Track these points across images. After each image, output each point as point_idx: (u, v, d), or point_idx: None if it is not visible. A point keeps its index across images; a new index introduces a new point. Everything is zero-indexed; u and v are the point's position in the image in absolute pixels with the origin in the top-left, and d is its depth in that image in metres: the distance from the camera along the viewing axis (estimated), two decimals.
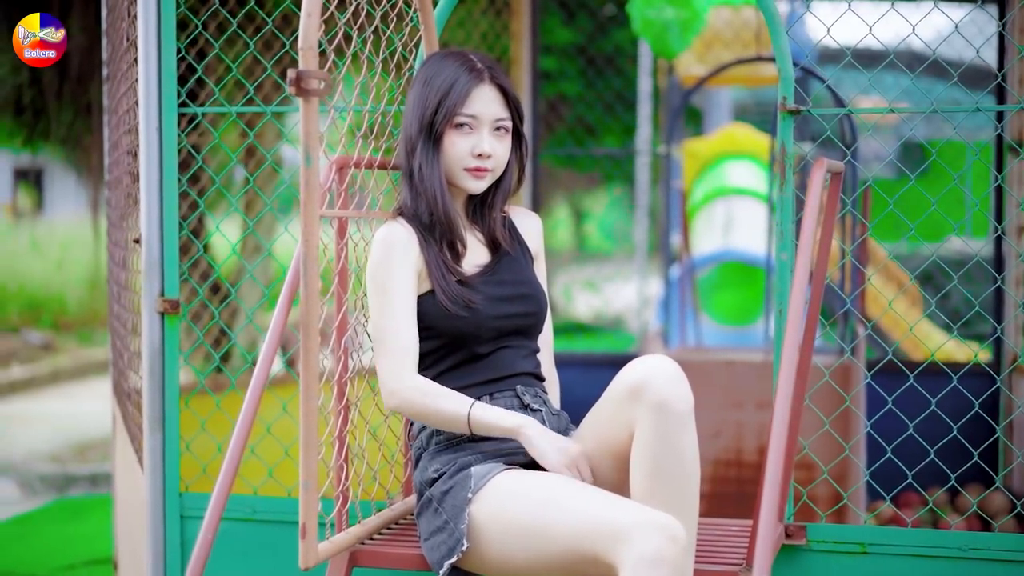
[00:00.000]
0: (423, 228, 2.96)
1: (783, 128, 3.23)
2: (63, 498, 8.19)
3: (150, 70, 3.59)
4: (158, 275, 3.63)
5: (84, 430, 10.48)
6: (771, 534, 2.57)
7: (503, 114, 2.98)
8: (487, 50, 7.24)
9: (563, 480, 2.74)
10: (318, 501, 2.60)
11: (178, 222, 3.62)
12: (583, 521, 2.62)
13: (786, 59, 3.21)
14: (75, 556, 6.41)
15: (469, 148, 2.94)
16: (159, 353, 3.63)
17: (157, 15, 3.59)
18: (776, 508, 2.60)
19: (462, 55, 3.01)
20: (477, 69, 2.96)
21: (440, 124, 2.93)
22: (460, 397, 2.85)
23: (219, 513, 2.77)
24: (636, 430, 2.71)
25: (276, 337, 2.90)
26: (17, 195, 28.89)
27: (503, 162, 3.01)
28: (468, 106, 2.94)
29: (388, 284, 2.89)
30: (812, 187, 2.79)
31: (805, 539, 3.26)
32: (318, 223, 2.55)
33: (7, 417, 11.64)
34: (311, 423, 2.58)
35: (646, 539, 2.52)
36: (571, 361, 6.91)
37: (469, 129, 2.95)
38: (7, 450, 10.01)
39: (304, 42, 2.53)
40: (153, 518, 3.63)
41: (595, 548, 2.59)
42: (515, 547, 2.71)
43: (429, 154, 2.95)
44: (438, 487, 2.87)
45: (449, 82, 2.94)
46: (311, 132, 2.53)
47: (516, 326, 3.01)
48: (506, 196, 3.09)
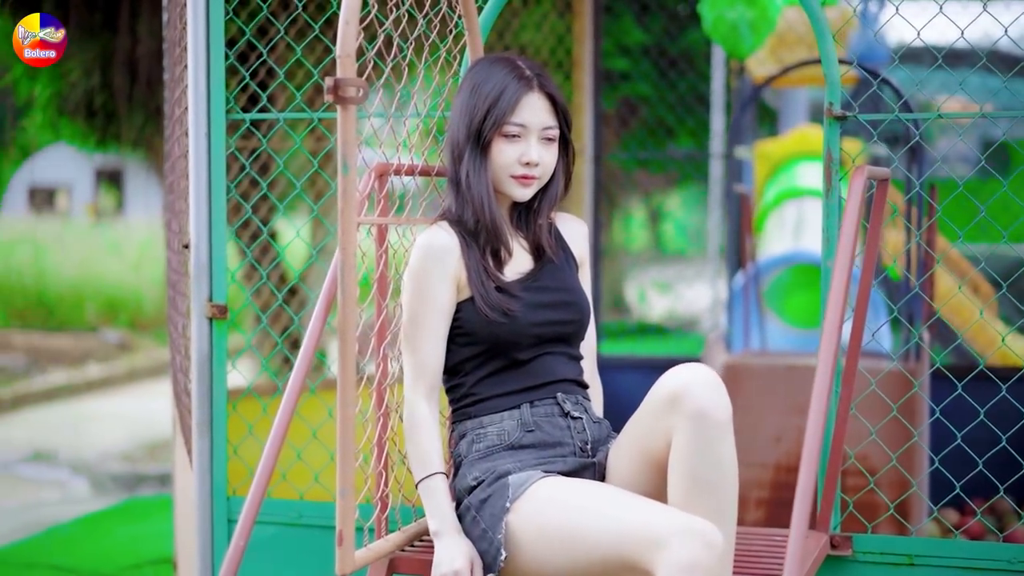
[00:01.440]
0: (467, 233, 2.95)
1: (830, 133, 3.20)
2: (133, 498, 8.29)
3: (199, 76, 3.62)
4: (206, 280, 3.66)
5: (156, 430, 10.60)
6: (801, 543, 2.55)
7: (551, 122, 2.97)
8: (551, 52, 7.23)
9: (600, 487, 2.73)
10: (355, 508, 2.60)
11: (226, 227, 3.65)
12: (620, 527, 2.60)
13: (832, 64, 3.18)
14: (141, 555, 6.49)
15: (516, 156, 2.93)
16: (207, 358, 3.65)
17: (206, 22, 3.61)
18: (807, 517, 2.57)
19: (510, 61, 2.99)
20: (526, 77, 2.95)
21: (488, 132, 2.92)
22: (432, 458, 2.88)
23: (252, 519, 2.78)
24: (674, 438, 2.69)
25: (313, 344, 2.91)
26: (99, 195, 29.30)
27: (550, 170, 2.99)
28: (517, 114, 2.92)
29: (423, 294, 2.90)
30: (851, 195, 2.76)
31: (851, 550, 3.22)
32: (355, 230, 2.55)
33: (83, 416, 11.81)
34: (348, 430, 2.57)
35: (682, 545, 2.50)
36: (637, 364, 6.88)
37: (517, 137, 2.93)
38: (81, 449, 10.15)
39: (342, 49, 2.53)
40: (201, 521, 3.66)
41: (632, 554, 2.57)
42: (552, 554, 2.70)
43: (476, 161, 2.94)
44: (476, 495, 2.87)
45: (498, 90, 2.93)
46: (348, 140, 2.52)
47: (557, 333, 2.99)
48: (552, 203, 3.07)
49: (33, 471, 9.38)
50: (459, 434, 2.99)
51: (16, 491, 8.72)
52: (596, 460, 2.93)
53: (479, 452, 2.93)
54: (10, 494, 8.62)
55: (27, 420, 11.54)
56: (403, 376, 2.96)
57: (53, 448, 10.15)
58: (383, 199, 3.06)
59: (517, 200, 2.99)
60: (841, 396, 3.19)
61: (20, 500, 8.42)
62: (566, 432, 2.93)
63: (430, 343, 2.92)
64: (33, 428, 11.06)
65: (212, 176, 3.65)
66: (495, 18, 3.45)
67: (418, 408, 2.91)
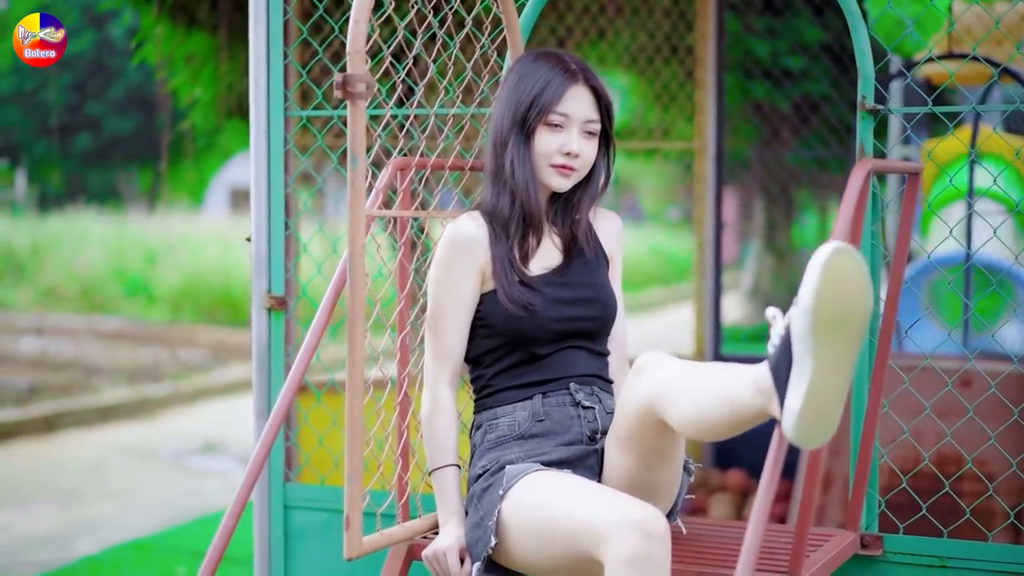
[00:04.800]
0: (498, 225, 2.99)
1: (862, 128, 3.15)
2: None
3: (259, 74, 3.73)
4: (265, 272, 3.77)
5: None
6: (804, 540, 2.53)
7: (594, 116, 3.00)
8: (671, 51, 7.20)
9: (573, 480, 2.76)
10: (362, 494, 2.67)
11: (283, 221, 3.75)
12: (573, 521, 2.64)
13: (866, 57, 3.13)
14: None
15: (558, 146, 2.97)
16: (266, 348, 3.76)
17: (266, 21, 3.72)
18: (811, 515, 2.56)
19: (556, 56, 3.03)
20: (572, 70, 2.99)
21: (533, 120, 2.96)
22: (447, 450, 2.95)
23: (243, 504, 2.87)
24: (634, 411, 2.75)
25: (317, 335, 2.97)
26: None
27: (589, 163, 3.02)
28: (562, 105, 2.96)
29: (448, 284, 2.95)
30: (850, 187, 2.71)
31: (881, 550, 3.16)
32: (363, 223, 2.61)
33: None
34: (356, 418, 2.64)
35: (621, 540, 2.51)
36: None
37: (560, 127, 2.97)
38: (248, 442, 10.43)
39: (352, 46, 2.60)
40: (259, 507, 3.77)
41: (587, 548, 2.61)
42: (531, 546, 2.75)
43: (520, 149, 2.98)
44: (480, 484, 2.92)
45: (545, 80, 2.97)
46: (357, 135, 2.59)
47: (579, 329, 3.01)
48: (593, 199, 3.09)
49: (200, 462, 9.70)
50: (476, 424, 3.04)
51: (181, 480, 9.04)
52: (598, 447, 2.94)
53: (490, 443, 2.98)
54: (175, 483, 8.94)
55: (204, 413, 11.92)
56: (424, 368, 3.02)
57: (222, 440, 10.47)
58: (405, 193, 3.12)
59: (555, 190, 3.02)
60: (871, 394, 3.14)
61: (182, 489, 8.72)
62: (575, 420, 2.95)
63: (452, 332, 2.97)
64: (208, 421, 11.42)
65: (271, 172, 3.75)
66: (535, 17, 3.48)
67: (438, 397, 2.97)
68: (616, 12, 7.37)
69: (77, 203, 27.58)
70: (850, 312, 2.33)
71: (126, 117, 26.96)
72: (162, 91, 9.20)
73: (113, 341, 15.89)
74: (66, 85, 27.32)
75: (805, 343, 2.33)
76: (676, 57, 7.19)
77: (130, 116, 26.91)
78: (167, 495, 8.54)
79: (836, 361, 2.34)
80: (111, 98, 27.01)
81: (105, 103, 27.11)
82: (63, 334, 16.26)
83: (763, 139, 11.46)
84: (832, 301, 2.31)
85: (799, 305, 2.33)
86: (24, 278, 19.90)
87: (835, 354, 2.34)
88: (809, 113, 13.22)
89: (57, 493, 8.53)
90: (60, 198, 29.49)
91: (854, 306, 2.33)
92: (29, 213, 26.45)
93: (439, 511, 2.94)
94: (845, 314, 2.32)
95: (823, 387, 2.34)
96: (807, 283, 2.30)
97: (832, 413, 2.36)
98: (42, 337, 15.95)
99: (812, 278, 2.30)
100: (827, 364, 2.33)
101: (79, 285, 19.25)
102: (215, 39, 7.96)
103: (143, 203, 28.18)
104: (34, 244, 20.91)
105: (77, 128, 27.58)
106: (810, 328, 2.31)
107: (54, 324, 16.94)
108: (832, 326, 2.32)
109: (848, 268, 2.32)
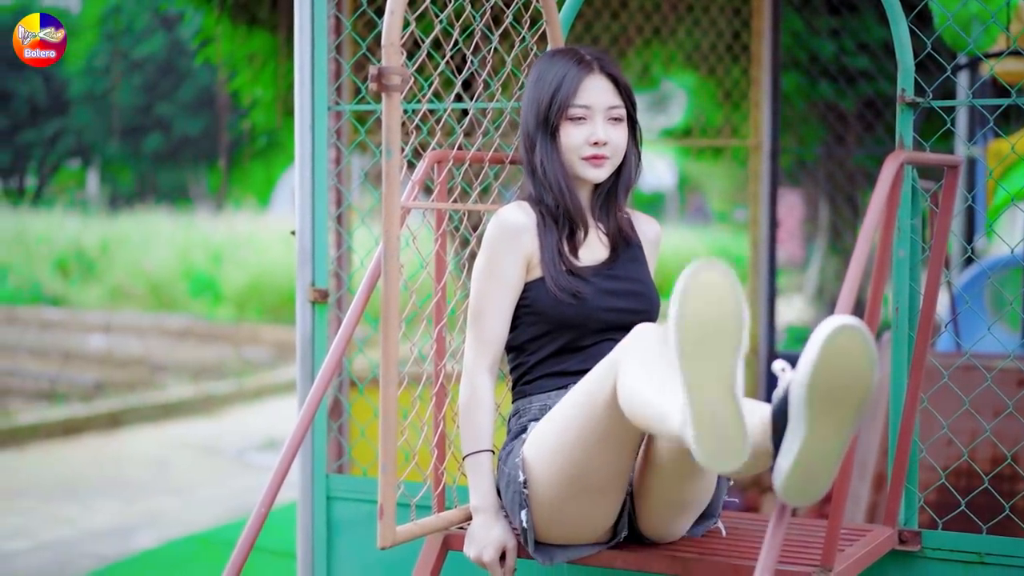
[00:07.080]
0: (546, 214, 3.01)
1: (902, 121, 3.13)
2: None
3: (304, 70, 3.77)
4: (309, 266, 3.80)
5: None
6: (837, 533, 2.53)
7: (615, 102, 3.01)
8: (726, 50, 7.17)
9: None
10: (395, 484, 2.69)
11: (327, 215, 3.78)
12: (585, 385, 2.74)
13: (906, 49, 3.12)
14: None
15: (584, 137, 2.98)
16: (309, 340, 3.80)
17: (311, 17, 3.76)
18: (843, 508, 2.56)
19: (571, 50, 3.05)
20: (586, 61, 3.01)
21: (555, 117, 2.99)
22: (484, 436, 2.95)
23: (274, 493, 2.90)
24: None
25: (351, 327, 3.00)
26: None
27: (621, 149, 3.03)
28: (580, 96, 2.98)
29: (494, 271, 2.97)
30: (881, 180, 2.70)
31: (919, 545, 3.14)
32: (398, 215, 2.63)
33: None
34: (390, 409, 2.66)
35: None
36: None
37: (583, 120, 2.98)
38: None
39: (387, 39, 2.62)
40: (303, 497, 3.81)
41: (607, 390, 2.68)
42: (553, 444, 2.79)
43: (548, 148, 3.00)
44: (504, 450, 2.97)
45: (560, 76, 2.99)
46: (392, 127, 2.61)
47: (624, 321, 3.01)
48: (628, 186, 3.10)
49: (262, 458, 9.77)
50: (513, 411, 3.06)
51: (242, 476, 9.12)
52: None
53: (520, 425, 2.99)
54: (236, 479, 9.02)
55: (266, 410, 12.01)
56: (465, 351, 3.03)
57: (284, 437, 10.54)
58: (441, 185, 3.14)
59: (592, 181, 3.03)
60: (908, 390, 3.12)
61: (243, 484, 8.80)
62: None
63: (495, 318, 2.98)
64: (270, 418, 11.50)
65: (315, 166, 3.78)
66: (575, 13, 3.49)
67: (477, 382, 2.97)
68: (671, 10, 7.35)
69: (147, 203, 27.91)
70: (848, 391, 2.33)
71: (195, 118, 27.24)
72: (224, 91, 9.28)
73: (179, 339, 16.05)
74: (137, 86, 27.65)
75: (800, 412, 2.34)
76: (730, 54, 7.17)
77: (199, 117, 27.20)
78: (228, 491, 8.62)
79: (830, 432, 2.35)
80: (181, 99, 27.31)
81: (175, 104, 27.41)
82: (130, 331, 16.43)
83: (828, 140, 11.38)
84: (829, 379, 2.31)
85: (796, 376, 2.34)
86: (94, 276, 20.15)
87: (829, 427, 2.35)
88: (872, 114, 13.15)
89: (120, 487, 8.65)
90: (130, 198, 29.87)
91: (853, 385, 2.32)
92: (100, 213, 26.77)
93: (472, 495, 2.94)
94: (842, 392, 2.32)
95: (814, 454, 2.35)
96: (806, 356, 2.30)
97: (822, 477, 2.38)
98: (109, 334, 16.13)
99: (812, 352, 2.30)
100: (820, 435, 2.35)
101: (147, 283, 19.45)
102: (275, 38, 8.01)
103: (211, 202, 28.44)
104: (104, 243, 21.16)
105: (147, 129, 27.91)
106: (805, 400, 2.32)
107: (122, 322, 17.12)
108: (828, 402, 2.32)
109: (851, 346, 2.31)
